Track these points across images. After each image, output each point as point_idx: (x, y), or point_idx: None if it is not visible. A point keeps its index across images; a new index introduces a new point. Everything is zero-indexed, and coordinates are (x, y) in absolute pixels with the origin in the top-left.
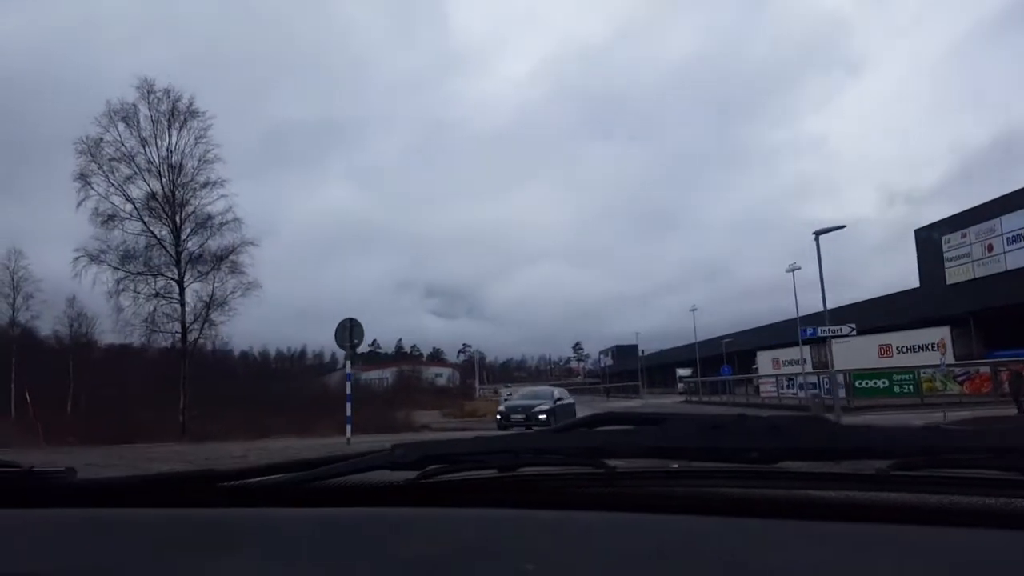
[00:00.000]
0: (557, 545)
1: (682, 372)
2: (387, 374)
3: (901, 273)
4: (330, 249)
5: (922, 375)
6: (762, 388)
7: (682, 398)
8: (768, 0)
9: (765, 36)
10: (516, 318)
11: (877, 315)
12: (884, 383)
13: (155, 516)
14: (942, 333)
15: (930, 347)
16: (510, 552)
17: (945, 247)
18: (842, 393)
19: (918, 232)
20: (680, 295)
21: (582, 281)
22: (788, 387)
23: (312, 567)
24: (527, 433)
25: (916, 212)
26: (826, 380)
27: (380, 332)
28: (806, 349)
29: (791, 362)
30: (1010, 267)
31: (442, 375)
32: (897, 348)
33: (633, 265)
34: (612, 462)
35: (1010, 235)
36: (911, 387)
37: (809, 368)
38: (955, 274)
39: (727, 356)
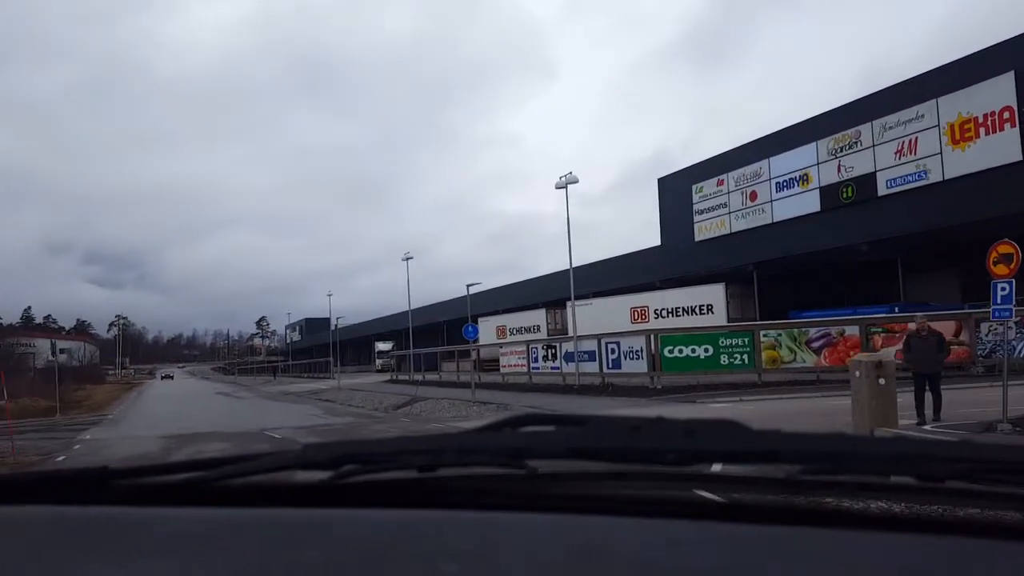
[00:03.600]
0: (478, 547)
1: (382, 346)
2: None
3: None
4: None
5: (763, 339)
6: (504, 362)
7: (386, 376)
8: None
9: (475, 33)
10: (199, 290)
11: (623, 275)
12: (707, 351)
13: (38, 514)
14: (714, 293)
15: (702, 309)
16: (430, 554)
17: (696, 197)
18: (642, 366)
19: (662, 181)
20: (383, 272)
21: (279, 252)
22: (547, 359)
23: (212, 570)
24: (450, 433)
25: (590, 212)
26: (615, 348)
27: (10, 303)
28: (540, 314)
29: (522, 329)
30: (778, 219)
31: (67, 351)
32: (656, 311)
33: (336, 239)
34: (534, 463)
35: (780, 179)
36: (745, 357)
37: (543, 336)
38: (708, 228)
39: (444, 326)
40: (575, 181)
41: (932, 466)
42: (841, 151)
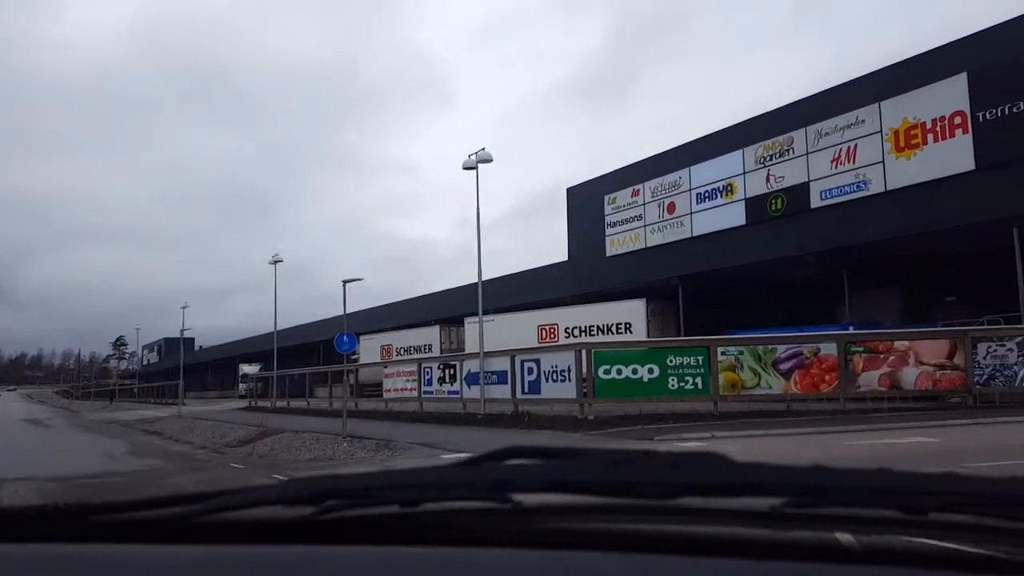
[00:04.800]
0: None
1: (247, 368)
2: None
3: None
4: None
5: (720, 358)
6: (389, 385)
7: (244, 403)
8: (385, 23)
9: (377, 56)
10: (55, 306)
11: (529, 291)
12: (652, 372)
13: (14, 553)
14: (633, 310)
15: (619, 328)
16: None
17: (608, 208)
18: (570, 393)
19: (571, 191)
20: (266, 293)
21: (153, 269)
22: (444, 382)
23: None
24: (433, 467)
25: (486, 240)
26: (533, 367)
27: None
28: (433, 331)
29: (412, 349)
30: (698, 232)
31: None
32: (567, 330)
33: (217, 257)
34: (518, 497)
35: (701, 190)
36: (699, 381)
37: (436, 354)
38: (620, 243)
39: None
40: (488, 160)
41: (916, 498)
42: (771, 159)
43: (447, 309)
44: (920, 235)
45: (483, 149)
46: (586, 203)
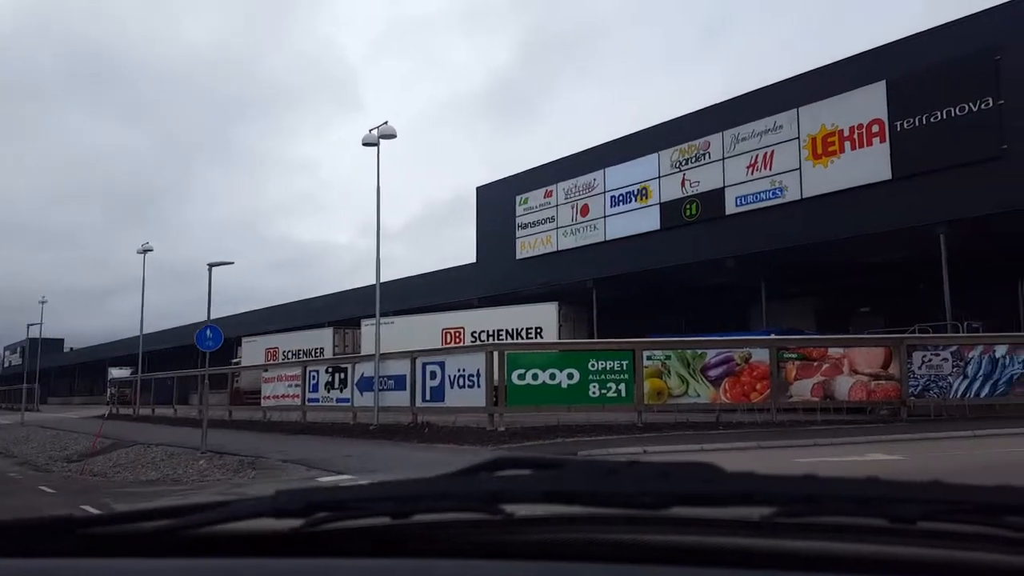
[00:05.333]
0: None
1: (116, 372)
2: None
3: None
4: None
5: (646, 363)
6: (269, 391)
7: (104, 411)
8: (291, 23)
9: (280, 56)
10: None
11: (434, 293)
12: (572, 377)
13: (3, 568)
14: (544, 313)
15: (529, 332)
16: None
17: (520, 210)
18: (479, 401)
19: (481, 190)
20: (149, 293)
21: (19, 264)
22: (332, 388)
23: None
24: (423, 478)
25: (387, 246)
26: (437, 371)
27: None
28: (325, 334)
29: (301, 352)
30: (611, 236)
31: None
32: (474, 334)
33: (98, 254)
34: (510, 508)
35: (616, 193)
36: (622, 388)
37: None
38: (532, 245)
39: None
40: (391, 135)
41: (904, 507)
42: (686, 163)
43: (343, 311)
44: (835, 244)
45: (386, 123)
46: (497, 203)
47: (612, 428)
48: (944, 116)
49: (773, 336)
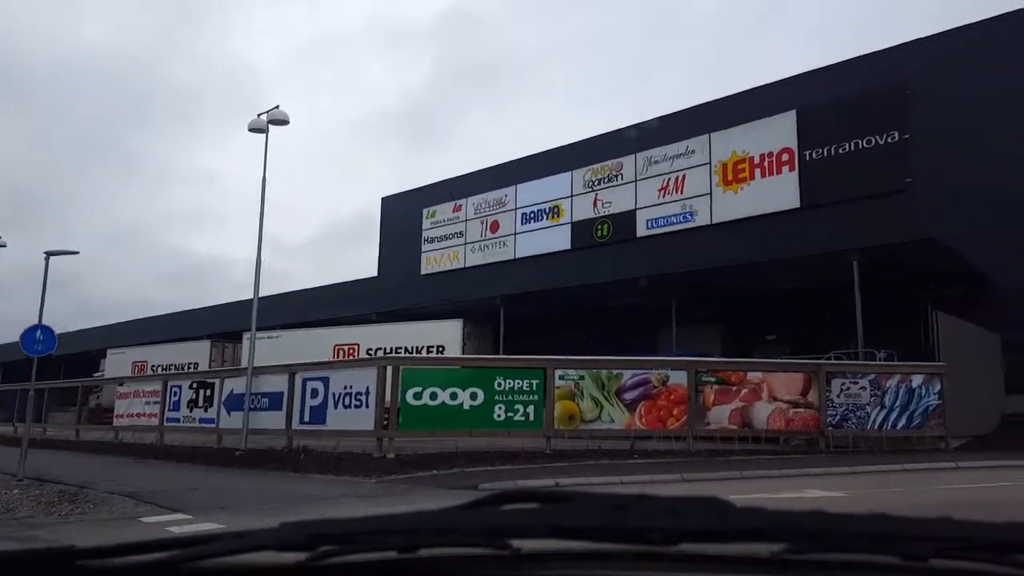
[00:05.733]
0: None
1: None
2: None
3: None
4: None
5: (558, 383)
6: (123, 409)
7: None
8: (199, 32)
9: (185, 63)
10: None
11: (330, 307)
12: (475, 397)
13: None
14: (448, 331)
15: (430, 350)
16: None
17: (427, 223)
18: (367, 423)
19: (387, 201)
20: (27, 301)
21: None
22: (196, 406)
23: None
24: (429, 511)
25: (287, 263)
26: (319, 388)
27: None
28: (202, 347)
29: (173, 367)
30: (521, 255)
31: None
32: (370, 351)
33: None
34: (516, 543)
35: (527, 210)
36: (531, 411)
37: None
38: (438, 260)
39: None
40: (284, 121)
41: (916, 545)
42: (599, 183)
43: (226, 324)
44: (743, 270)
45: (277, 107)
46: (402, 216)
47: (518, 456)
48: (852, 148)
49: (692, 358)
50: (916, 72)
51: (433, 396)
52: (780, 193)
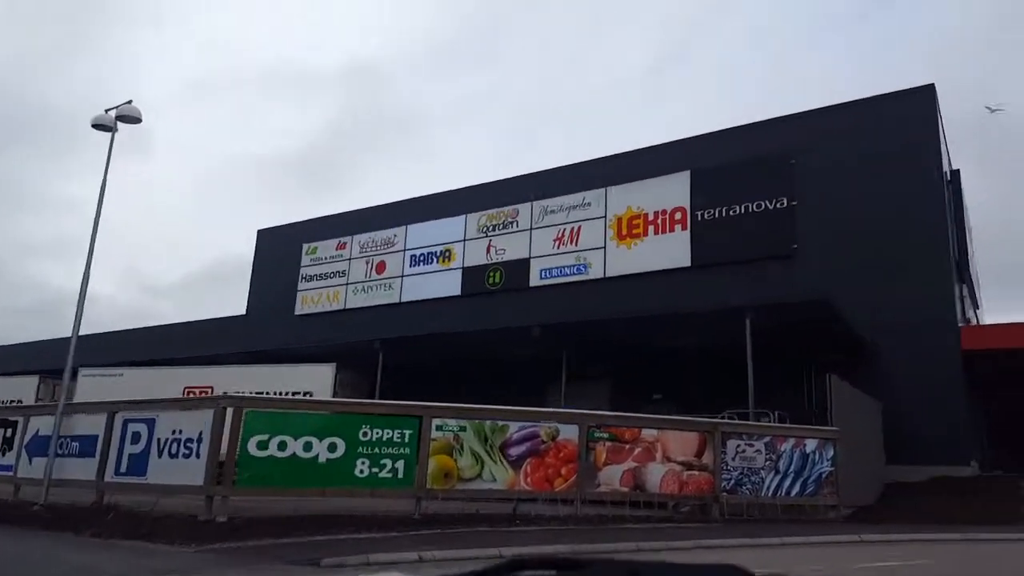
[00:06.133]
0: None
1: None
2: None
3: None
4: None
5: (435, 434)
6: None
7: None
8: (79, 55)
9: (62, 89)
10: None
11: (187, 346)
12: (334, 448)
13: None
14: (318, 376)
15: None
16: None
17: (306, 259)
18: (196, 477)
19: (263, 233)
20: None
21: None
22: None
23: None
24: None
25: (150, 301)
26: (142, 431)
27: None
28: (28, 383)
29: None
30: (408, 299)
31: None
32: (223, 394)
33: None
34: None
35: (417, 252)
36: (400, 465)
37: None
38: (315, 300)
39: None
40: (135, 119)
41: None
42: (494, 229)
43: (62, 360)
44: (636, 324)
45: (130, 102)
46: (280, 251)
47: (381, 521)
48: (743, 211)
49: (584, 412)
50: (803, 142)
51: (282, 446)
52: (672, 251)
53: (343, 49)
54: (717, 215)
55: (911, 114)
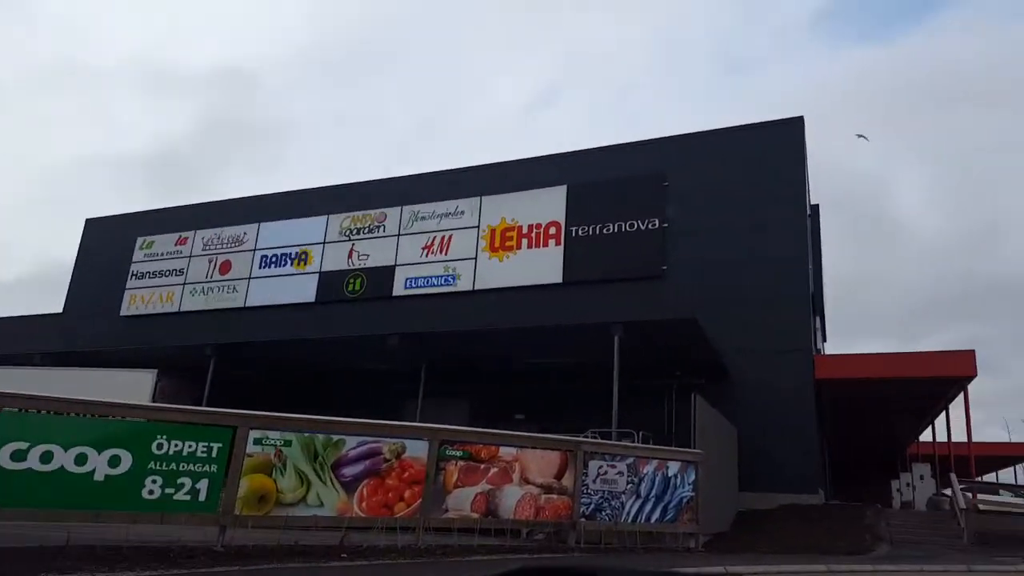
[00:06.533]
0: None
1: None
2: None
3: None
4: None
5: (251, 448)
6: None
7: None
8: None
9: None
10: None
11: None
12: (117, 463)
13: None
14: (135, 383)
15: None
16: None
17: (139, 255)
18: None
19: (91, 223)
20: None
21: None
22: None
23: None
24: None
25: None
26: None
27: None
28: None
29: None
30: (254, 303)
31: None
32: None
33: None
34: None
35: (269, 252)
36: (204, 486)
37: None
38: (145, 300)
39: None
40: None
41: None
42: (358, 233)
43: None
44: (498, 340)
45: None
46: (109, 244)
47: (170, 556)
48: (615, 230)
49: (438, 426)
50: (674, 164)
51: (47, 458)
52: (545, 266)
53: (210, 52)
54: (591, 232)
55: (779, 143)
